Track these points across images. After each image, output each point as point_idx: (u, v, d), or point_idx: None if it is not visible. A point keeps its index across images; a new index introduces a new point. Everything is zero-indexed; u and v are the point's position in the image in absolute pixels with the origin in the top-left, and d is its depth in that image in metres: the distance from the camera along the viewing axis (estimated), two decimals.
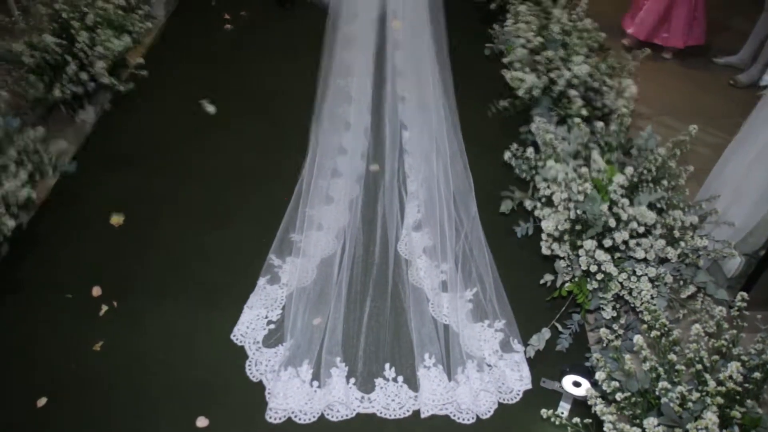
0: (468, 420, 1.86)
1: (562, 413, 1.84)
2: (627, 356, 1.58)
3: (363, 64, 2.51)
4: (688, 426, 1.39)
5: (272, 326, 2.06)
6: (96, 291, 2.16)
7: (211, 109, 3.06)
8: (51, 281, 2.18)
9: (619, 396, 1.51)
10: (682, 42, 3.79)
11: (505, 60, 2.97)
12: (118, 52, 2.86)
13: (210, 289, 2.19)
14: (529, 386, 1.96)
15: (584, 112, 2.51)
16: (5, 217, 2.13)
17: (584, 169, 2.07)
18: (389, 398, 1.90)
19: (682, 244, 1.96)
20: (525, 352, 2.03)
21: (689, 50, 3.95)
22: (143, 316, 2.08)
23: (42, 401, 1.83)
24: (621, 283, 1.90)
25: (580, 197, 1.99)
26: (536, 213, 2.15)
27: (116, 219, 2.44)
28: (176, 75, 3.32)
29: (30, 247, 2.31)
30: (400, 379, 1.94)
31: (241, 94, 3.19)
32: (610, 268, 1.89)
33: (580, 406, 1.83)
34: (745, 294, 1.62)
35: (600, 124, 2.33)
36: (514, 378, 1.98)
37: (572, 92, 2.61)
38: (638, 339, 1.58)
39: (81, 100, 2.84)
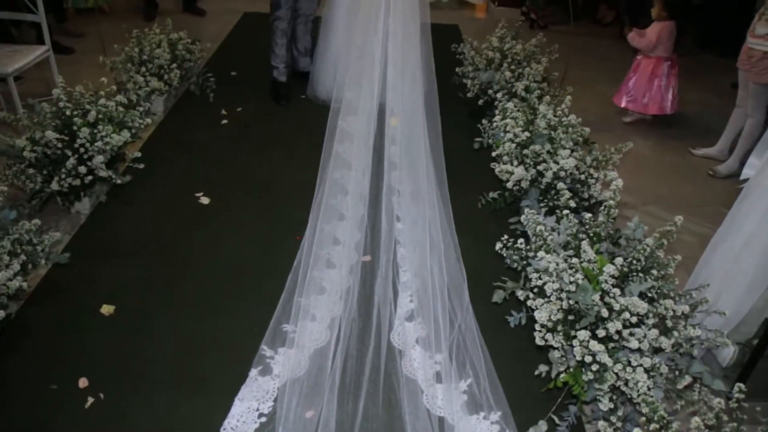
0: None
1: None
2: None
3: (360, 157, 2.60)
4: None
5: (263, 419, 2.00)
6: (83, 382, 2.10)
7: (205, 201, 3.11)
8: (37, 372, 2.13)
9: None
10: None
11: (494, 153, 3.08)
12: (117, 146, 2.93)
13: (200, 381, 2.14)
14: None
15: (572, 203, 2.59)
16: None
17: (575, 260, 2.11)
18: None
19: (675, 333, 1.97)
20: None
21: (668, 143, 4.12)
22: (131, 408, 2.02)
23: None
24: (617, 373, 1.89)
25: (572, 287, 2.01)
26: (529, 303, 2.16)
27: (107, 309, 2.42)
28: (172, 168, 3.40)
29: (17, 337, 2.27)
30: None
31: (236, 187, 3.25)
32: (605, 359, 1.89)
33: None
34: (742, 385, 1.62)
35: (588, 215, 2.39)
36: None
37: (560, 185, 2.70)
38: None
39: (78, 193, 2.88)
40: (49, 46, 3.67)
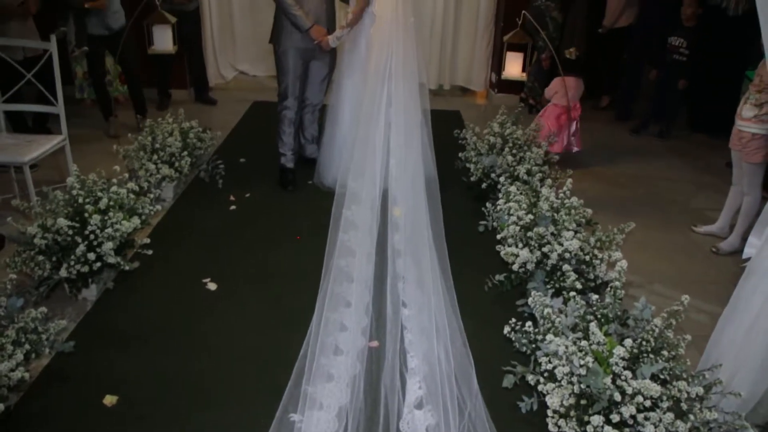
0: None
1: None
2: None
3: (364, 245, 2.65)
4: None
5: None
6: None
7: (212, 286, 3.12)
8: None
9: None
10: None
11: (499, 236, 3.11)
12: (126, 233, 2.98)
13: None
14: None
15: (578, 284, 2.59)
16: None
17: (584, 342, 2.09)
18: None
19: (692, 417, 1.93)
20: None
21: (670, 221, 4.16)
22: None
23: None
24: None
25: (583, 371, 1.99)
26: (539, 388, 2.13)
27: (109, 399, 2.38)
28: (180, 253, 3.43)
29: (15, 430, 2.22)
30: None
31: (244, 272, 3.27)
32: None
33: None
34: None
35: (595, 297, 2.39)
36: None
37: (565, 266, 2.71)
38: None
39: (85, 279, 2.90)
40: (65, 135, 3.80)
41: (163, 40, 5.16)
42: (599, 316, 2.30)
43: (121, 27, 4.91)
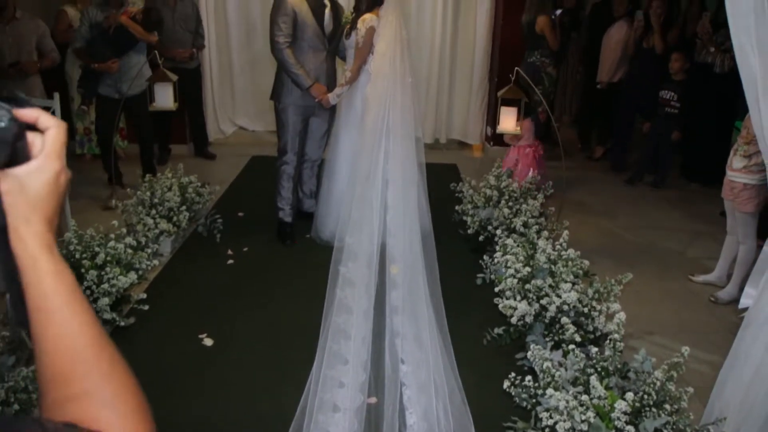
0: None
1: None
2: None
3: (361, 302, 2.66)
4: None
5: None
6: None
7: (209, 342, 3.09)
8: None
9: None
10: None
11: (496, 289, 3.11)
12: (122, 288, 2.97)
13: None
14: None
15: (577, 337, 2.57)
16: None
17: (585, 397, 2.06)
18: None
19: None
20: None
21: (667, 271, 4.15)
22: None
23: None
24: None
25: (584, 426, 1.95)
26: None
27: None
28: (177, 309, 3.40)
29: None
30: None
31: (240, 328, 3.24)
32: None
33: None
34: None
35: (594, 349, 2.37)
36: None
37: (564, 319, 2.70)
38: None
39: None
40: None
41: (165, 98, 5.25)
42: (599, 369, 2.27)
43: (137, 94, 5.00)
